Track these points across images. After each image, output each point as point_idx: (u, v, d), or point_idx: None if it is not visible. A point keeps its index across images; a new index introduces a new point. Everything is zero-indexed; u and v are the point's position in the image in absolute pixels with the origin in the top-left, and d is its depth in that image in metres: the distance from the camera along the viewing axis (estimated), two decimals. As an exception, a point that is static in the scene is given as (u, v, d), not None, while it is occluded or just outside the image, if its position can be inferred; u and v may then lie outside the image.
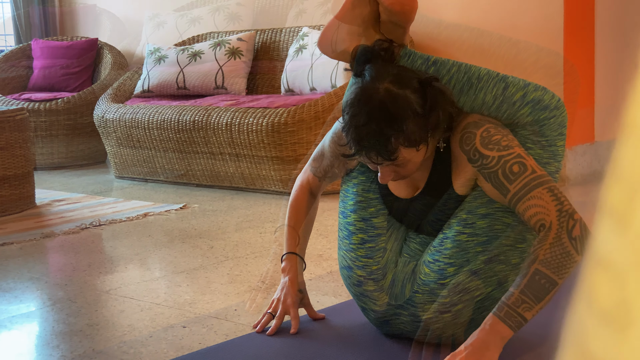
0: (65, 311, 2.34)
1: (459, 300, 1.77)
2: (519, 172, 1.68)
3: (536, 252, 1.61)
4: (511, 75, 1.81)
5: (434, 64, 1.79)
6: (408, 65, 1.78)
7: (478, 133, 1.73)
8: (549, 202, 1.65)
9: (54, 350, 2.01)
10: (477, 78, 1.78)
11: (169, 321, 2.20)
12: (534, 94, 1.79)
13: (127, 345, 2.03)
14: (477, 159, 1.73)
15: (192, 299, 2.41)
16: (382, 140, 1.65)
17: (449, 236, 1.78)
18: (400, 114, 1.65)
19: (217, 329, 2.12)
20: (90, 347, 2.02)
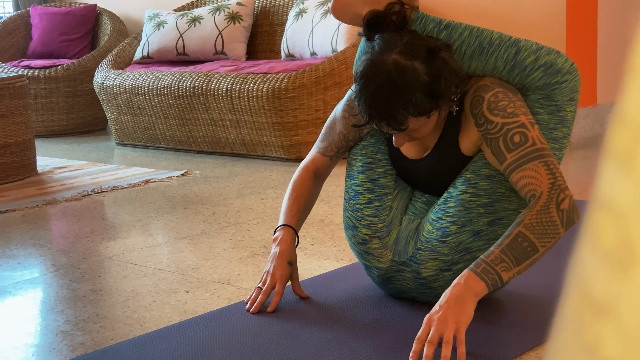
0: (68, 277, 2.35)
1: (461, 259, 1.79)
2: (519, 143, 1.70)
3: (522, 217, 1.64)
4: (524, 39, 1.81)
5: (445, 28, 1.79)
6: (420, 30, 1.79)
7: (486, 97, 1.75)
8: (542, 175, 1.67)
9: (58, 316, 2.03)
10: (489, 42, 1.79)
11: (172, 286, 2.21)
12: (546, 57, 1.78)
13: (131, 310, 2.04)
14: (482, 123, 1.75)
15: (195, 264, 2.42)
16: (391, 112, 1.68)
17: (453, 195, 1.80)
18: (407, 86, 1.67)
19: (221, 294, 2.13)
20: (94, 312, 2.03)
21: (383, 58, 1.69)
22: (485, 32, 1.80)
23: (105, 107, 5.01)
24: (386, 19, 1.75)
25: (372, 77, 1.69)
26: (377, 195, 1.91)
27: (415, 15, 1.80)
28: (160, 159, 4.51)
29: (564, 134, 1.83)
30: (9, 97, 3.93)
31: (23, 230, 2.98)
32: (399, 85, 1.67)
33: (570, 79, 1.80)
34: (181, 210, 3.19)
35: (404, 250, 1.87)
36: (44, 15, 6.02)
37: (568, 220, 1.65)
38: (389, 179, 1.92)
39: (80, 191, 3.63)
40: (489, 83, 1.78)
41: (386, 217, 1.89)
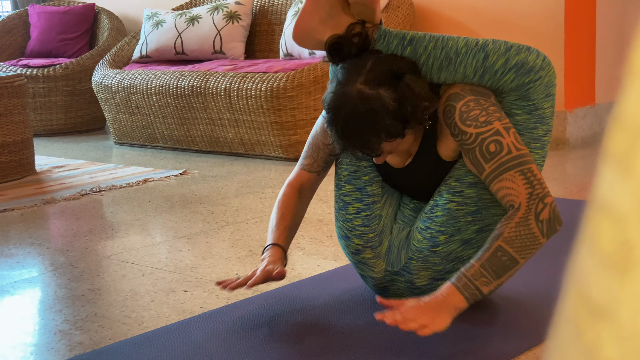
0: (67, 276, 2.35)
1: (453, 268, 1.79)
2: (495, 152, 1.68)
3: (501, 229, 1.62)
4: (492, 40, 1.76)
5: (409, 43, 1.75)
6: (384, 48, 1.75)
7: (457, 107, 1.72)
8: (520, 185, 1.65)
9: (56, 315, 2.02)
10: (456, 52, 1.74)
11: (171, 285, 2.21)
12: (516, 58, 1.73)
13: (129, 309, 2.04)
14: (457, 134, 1.73)
15: (193, 263, 2.42)
16: (363, 141, 1.67)
17: (439, 204, 1.78)
18: (375, 115, 1.65)
19: (219, 293, 2.13)
20: (93, 312, 2.03)
21: (347, 89, 1.67)
22: (451, 41, 1.76)
23: (104, 106, 5.00)
24: (348, 42, 1.72)
25: (338, 110, 1.67)
26: (365, 205, 1.88)
27: (377, 34, 1.76)
28: (158, 158, 4.51)
29: (544, 131, 1.79)
30: (7, 96, 3.93)
31: (21, 229, 2.98)
32: (366, 116, 1.65)
33: (544, 75, 1.75)
34: (179, 209, 3.19)
35: (396, 259, 1.86)
36: (42, 14, 6.01)
37: (549, 229, 1.64)
38: (375, 186, 1.90)
39: (78, 190, 3.62)
40: (459, 90, 1.75)
41: (376, 227, 1.88)
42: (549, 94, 1.77)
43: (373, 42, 1.75)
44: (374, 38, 1.75)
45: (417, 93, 1.67)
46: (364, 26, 1.75)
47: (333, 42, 1.72)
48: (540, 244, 1.62)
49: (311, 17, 1.78)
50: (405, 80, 1.67)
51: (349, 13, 1.78)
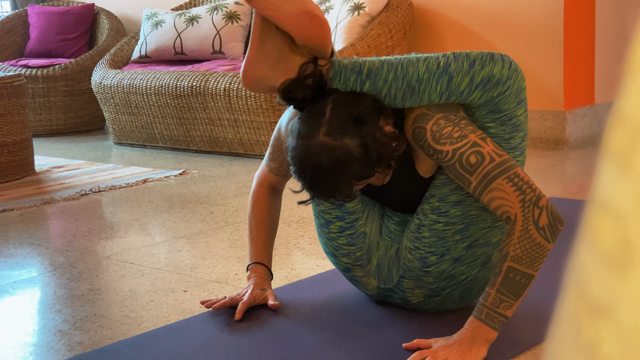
0: (66, 276, 2.35)
1: (446, 285, 1.77)
2: (476, 163, 1.62)
3: (506, 249, 1.58)
4: (454, 58, 1.66)
5: (368, 77, 1.65)
6: (342, 86, 1.66)
7: (428, 128, 1.65)
8: (510, 193, 1.60)
9: (56, 315, 2.02)
10: (418, 80, 1.65)
11: (170, 285, 2.21)
12: (481, 73, 1.64)
13: (129, 309, 2.04)
14: (432, 154, 1.67)
15: (193, 263, 2.42)
16: (334, 191, 1.61)
17: (425, 224, 1.73)
18: (342, 166, 1.58)
19: (218, 293, 2.13)
20: (92, 312, 2.03)
21: (310, 143, 1.59)
22: (411, 68, 1.65)
23: (103, 106, 5.00)
24: (301, 86, 1.63)
25: (304, 166, 1.60)
26: (347, 223, 1.82)
27: (333, 72, 1.66)
28: (158, 158, 4.51)
29: (521, 138, 1.72)
30: (7, 96, 3.92)
31: (21, 229, 2.98)
32: (334, 168, 1.58)
33: (512, 84, 1.67)
34: (179, 209, 3.19)
35: (388, 277, 1.83)
36: (42, 15, 6.01)
37: (552, 233, 1.59)
38: (354, 202, 1.82)
39: (78, 190, 3.62)
40: (426, 110, 1.67)
41: (363, 245, 1.83)
42: (520, 100, 1.70)
43: (329, 81, 1.66)
44: (329, 77, 1.66)
45: (381, 136, 1.60)
46: (317, 65, 1.65)
47: (286, 89, 1.64)
48: (548, 249, 1.58)
49: (257, 65, 1.68)
50: (368, 124, 1.60)
51: (298, 52, 1.68)
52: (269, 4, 1.62)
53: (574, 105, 4.28)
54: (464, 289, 1.78)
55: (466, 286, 1.77)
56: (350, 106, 1.62)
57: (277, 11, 1.63)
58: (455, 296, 1.79)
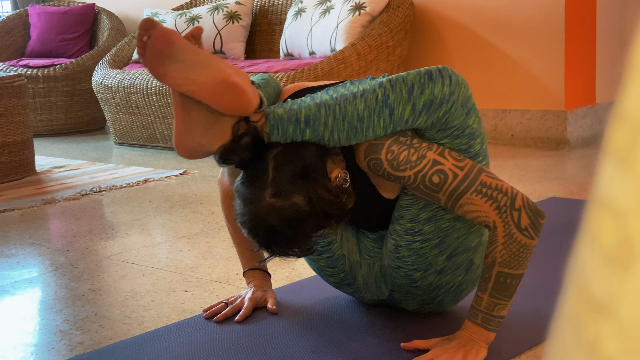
0: (67, 276, 2.35)
1: (437, 294, 1.76)
2: (440, 182, 1.58)
3: (492, 255, 1.56)
4: (391, 87, 1.59)
5: (307, 124, 1.58)
6: (282, 139, 1.58)
7: (383, 158, 1.61)
8: (482, 204, 1.57)
9: (56, 315, 2.02)
10: (359, 119, 1.58)
11: (171, 286, 2.21)
12: (422, 98, 1.58)
13: (130, 309, 2.04)
14: (394, 179, 1.63)
15: (194, 263, 2.42)
16: (292, 250, 1.57)
17: (402, 245, 1.70)
18: (295, 225, 1.54)
19: (219, 293, 2.13)
20: (93, 312, 2.03)
21: (258, 208, 1.54)
22: (349, 107, 1.58)
23: (104, 106, 5.00)
24: (238, 148, 1.55)
25: (256, 231, 1.55)
26: (323, 247, 1.77)
27: (269, 126, 1.58)
28: (158, 158, 4.51)
29: (480, 143, 1.67)
30: (7, 96, 3.93)
31: (21, 229, 2.98)
32: (287, 230, 1.53)
33: (457, 99, 1.61)
34: (180, 209, 3.19)
35: (378, 291, 1.81)
36: (42, 15, 6.01)
37: (535, 230, 1.56)
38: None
39: (78, 190, 3.62)
40: (373, 140, 1.62)
41: (344, 266, 1.79)
42: (468, 110, 1.63)
43: (266, 135, 1.58)
44: (266, 132, 1.58)
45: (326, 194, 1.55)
46: (249, 122, 1.57)
47: (222, 155, 1.56)
48: (534, 246, 1.58)
49: (188, 136, 1.59)
50: (315, 176, 1.56)
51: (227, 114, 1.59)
52: (182, 80, 1.54)
53: (575, 105, 4.28)
54: (455, 294, 1.78)
55: (456, 291, 1.77)
56: (294, 160, 1.56)
57: (191, 85, 1.54)
58: (448, 301, 1.80)
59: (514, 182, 3.40)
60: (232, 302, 1.95)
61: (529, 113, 4.32)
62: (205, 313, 1.93)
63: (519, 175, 3.55)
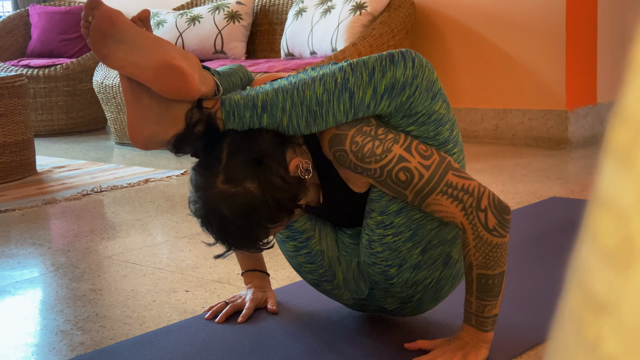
0: (68, 276, 2.35)
1: (415, 292, 1.70)
2: (406, 181, 1.54)
3: (468, 259, 1.56)
4: (351, 70, 1.53)
5: (264, 110, 1.53)
6: (238, 126, 1.54)
7: (347, 149, 1.55)
8: (448, 205, 1.54)
9: (57, 315, 2.02)
10: (317, 103, 1.53)
11: (172, 286, 2.21)
12: (383, 82, 1.52)
13: (131, 309, 2.04)
14: (361, 172, 1.57)
15: (195, 263, 2.42)
16: (247, 242, 1.53)
17: (375, 239, 1.64)
18: (248, 213, 1.49)
19: (220, 293, 2.13)
20: (94, 312, 2.03)
21: (209, 195, 1.50)
22: (308, 91, 1.53)
23: (105, 106, 5.00)
24: (191, 137, 1.52)
25: (208, 220, 1.51)
26: (300, 242, 1.72)
27: (225, 113, 1.54)
28: (159, 158, 4.51)
29: (449, 130, 1.60)
30: (8, 96, 3.93)
31: (22, 229, 2.98)
32: (239, 219, 1.49)
33: (420, 82, 1.54)
34: (181, 209, 3.19)
35: (358, 289, 1.75)
36: (43, 15, 6.01)
37: (504, 227, 1.54)
38: (302, 221, 1.71)
39: (79, 190, 3.62)
40: (336, 130, 1.56)
41: (322, 262, 1.73)
42: (434, 95, 1.56)
43: (222, 123, 1.54)
44: (221, 118, 1.54)
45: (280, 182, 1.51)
46: (203, 108, 1.53)
47: (175, 144, 1.52)
48: (507, 242, 1.56)
49: (141, 124, 1.55)
50: (271, 163, 1.51)
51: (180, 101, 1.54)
52: (123, 62, 1.51)
53: (576, 105, 4.27)
54: (434, 291, 1.72)
55: (435, 288, 1.71)
56: (249, 146, 1.52)
57: (133, 68, 1.51)
58: (427, 299, 1.74)
59: (515, 182, 3.40)
60: (233, 302, 1.95)
61: (530, 113, 4.32)
62: (207, 314, 1.93)
63: (520, 175, 3.55)
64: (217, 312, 1.93)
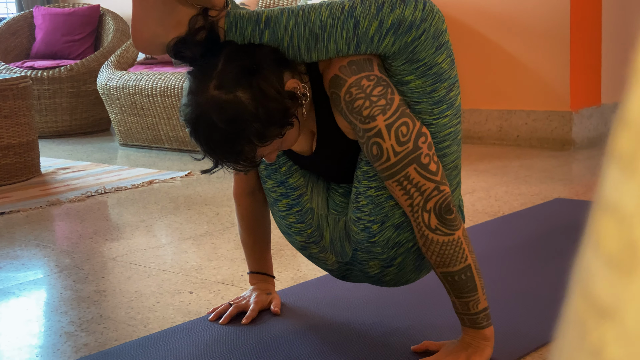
0: (72, 278, 2.35)
1: (396, 254, 1.67)
2: (376, 156, 1.54)
3: (427, 260, 1.58)
4: (360, 2, 1.50)
5: (266, 26, 1.51)
6: (239, 38, 1.52)
7: (342, 96, 1.53)
8: (399, 196, 1.55)
9: (62, 317, 2.03)
10: (321, 26, 1.50)
11: (176, 287, 2.21)
12: (391, 17, 1.47)
13: (135, 311, 2.04)
14: (349, 122, 1.56)
15: (199, 264, 2.42)
16: (234, 154, 1.50)
17: (361, 191, 1.63)
18: (237, 123, 1.46)
19: (224, 294, 2.13)
20: (98, 313, 2.03)
21: (200, 99, 1.48)
22: (313, 13, 1.51)
23: (109, 107, 5.01)
24: (192, 42, 1.50)
25: (197, 125, 1.48)
26: (293, 200, 1.73)
27: (228, 24, 1.52)
28: (163, 159, 4.52)
29: (446, 89, 1.55)
30: (13, 97, 3.93)
31: (27, 231, 2.99)
32: (228, 126, 1.46)
33: (428, 27, 1.49)
34: (185, 210, 3.19)
35: (342, 251, 1.74)
36: (47, 16, 6.02)
37: (446, 225, 1.53)
38: (296, 176, 1.73)
39: (83, 192, 3.63)
40: (338, 72, 1.53)
41: (312, 221, 1.73)
42: (439, 45, 1.52)
43: (223, 32, 1.52)
44: (223, 28, 1.52)
45: (273, 92, 1.49)
46: (208, 16, 1.51)
47: (175, 47, 1.51)
48: (458, 237, 1.54)
49: (144, 22, 1.53)
50: (265, 76, 1.49)
51: (186, 4, 1.52)
52: None
53: (581, 106, 4.27)
54: (416, 257, 1.69)
55: (416, 254, 1.68)
56: (246, 57, 1.50)
57: None
58: (409, 265, 1.70)
59: (519, 183, 3.40)
60: (237, 303, 1.95)
61: (535, 114, 4.32)
62: (211, 315, 1.93)
63: (525, 176, 3.55)
64: (221, 314, 1.93)
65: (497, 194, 3.22)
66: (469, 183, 3.44)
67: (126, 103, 4.84)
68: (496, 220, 2.78)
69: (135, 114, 4.84)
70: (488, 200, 3.12)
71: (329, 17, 1.50)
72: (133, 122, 4.88)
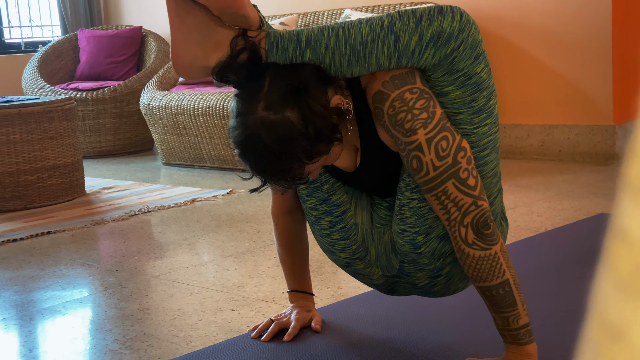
0: (116, 296, 2.39)
1: (443, 264, 1.67)
2: (416, 169, 1.56)
3: (465, 272, 1.59)
4: (399, 16, 1.52)
5: (307, 45, 1.53)
6: (280, 59, 1.54)
7: (385, 110, 1.55)
8: (437, 210, 1.57)
9: (107, 334, 2.06)
10: (362, 43, 1.52)
11: (218, 305, 2.23)
12: (430, 30, 1.50)
13: (177, 328, 2.06)
14: (391, 136, 1.58)
15: (240, 282, 2.44)
16: (283, 173, 1.51)
17: (404, 203, 1.64)
18: (286, 142, 1.48)
19: (266, 312, 2.14)
20: (142, 331, 2.06)
21: (249, 120, 1.49)
22: (353, 30, 1.53)
23: (152, 127, 5.08)
24: (235, 65, 1.51)
25: (246, 146, 1.50)
26: (336, 217, 1.73)
27: (269, 44, 1.53)
28: (205, 178, 4.56)
29: (486, 98, 1.57)
30: (58, 119, 4.01)
31: (72, 250, 3.04)
32: (278, 146, 1.48)
33: (466, 37, 1.51)
34: (226, 228, 3.22)
35: (389, 265, 1.74)
36: (91, 39, 6.13)
37: (483, 240, 1.54)
38: (339, 193, 1.73)
39: (127, 211, 3.68)
40: (381, 87, 1.55)
41: (356, 237, 1.73)
42: (477, 55, 1.54)
43: (265, 54, 1.54)
44: (265, 48, 1.53)
45: (320, 108, 1.51)
46: (247, 37, 1.52)
47: (220, 72, 1.52)
48: (496, 252, 1.54)
49: (184, 46, 1.54)
50: (311, 94, 1.51)
51: (224, 25, 1.53)
52: None
53: (624, 120, 4.22)
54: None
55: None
56: (291, 76, 1.52)
57: None
58: (457, 274, 1.70)
59: (562, 198, 3.37)
60: (279, 320, 1.96)
61: (577, 128, 4.28)
62: (253, 332, 1.95)
63: (568, 191, 3.52)
64: (262, 331, 1.94)
65: (540, 210, 3.20)
66: (511, 198, 3.42)
67: (168, 123, 4.90)
68: (539, 237, 2.76)
69: (177, 134, 4.89)
70: (530, 216, 3.09)
71: (370, 34, 1.52)
72: (175, 141, 4.94)
